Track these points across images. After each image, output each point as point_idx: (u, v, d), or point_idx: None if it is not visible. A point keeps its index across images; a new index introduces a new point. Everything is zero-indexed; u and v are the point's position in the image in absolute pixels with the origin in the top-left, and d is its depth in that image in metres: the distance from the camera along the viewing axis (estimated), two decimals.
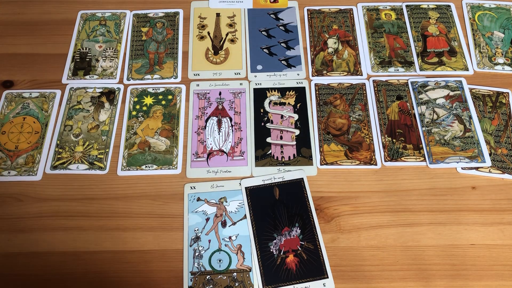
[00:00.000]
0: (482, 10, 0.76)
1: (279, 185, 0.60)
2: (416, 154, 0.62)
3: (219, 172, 0.61)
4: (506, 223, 0.57)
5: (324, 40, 0.73)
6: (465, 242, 0.56)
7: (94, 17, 0.76)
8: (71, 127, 0.65)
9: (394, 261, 0.55)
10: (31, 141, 0.63)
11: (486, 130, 0.64)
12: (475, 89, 0.68)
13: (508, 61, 0.70)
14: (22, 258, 0.55)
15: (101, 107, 0.66)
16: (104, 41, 0.73)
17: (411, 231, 0.57)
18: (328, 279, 0.53)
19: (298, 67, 0.70)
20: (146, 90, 0.68)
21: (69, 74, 0.70)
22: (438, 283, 0.53)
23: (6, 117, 0.66)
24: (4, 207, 0.58)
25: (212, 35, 0.74)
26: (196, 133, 0.64)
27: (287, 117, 0.66)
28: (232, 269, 0.54)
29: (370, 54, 0.71)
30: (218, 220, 0.57)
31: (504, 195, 0.59)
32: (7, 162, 0.62)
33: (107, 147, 0.63)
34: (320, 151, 0.62)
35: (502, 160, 0.61)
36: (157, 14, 0.76)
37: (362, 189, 0.60)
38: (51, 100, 0.67)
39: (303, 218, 0.57)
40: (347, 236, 0.56)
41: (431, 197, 0.59)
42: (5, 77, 0.69)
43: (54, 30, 0.74)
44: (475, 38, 0.73)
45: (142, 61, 0.71)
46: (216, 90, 0.68)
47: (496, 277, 0.54)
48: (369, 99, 0.67)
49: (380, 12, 0.76)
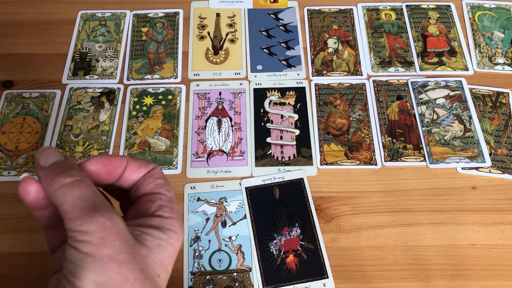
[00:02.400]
0: (482, 10, 0.76)
1: (279, 185, 0.60)
2: (416, 154, 0.62)
3: (219, 172, 0.61)
4: (506, 223, 0.57)
5: (324, 40, 0.73)
6: (465, 242, 0.56)
7: (94, 17, 0.76)
8: (71, 127, 0.65)
9: (394, 261, 0.55)
10: (31, 141, 0.63)
11: (486, 130, 0.64)
12: (475, 89, 0.68)
13: (508, 61, 0.70)
14: (22, 258, 0.55)
15: (101, 107, 0.66)
16: (104, 41, 0.73)
17: (411, 231, 0.57)
18: (328, 279, 0.53)
19: (298, 67, 0.70)
20: (146, 90, 0.68)
21: (69, 74, 0.70)
22: (438, 283, 0.53)
23: (6, 117, 0.66)
24: (4, 207, 0.58)
25: (212, 35, 0.74)
26: (196, 133, 0.64)
27: (287, 117, 0.66)
28: (232, 269, 0.54)
29: (370, 54, 0.71)
30: (218, 220, 0.57)
31: (504, 195, 0.59)
32: (7, 162, 0.62)
33: (107, 147, 0.63)
34: (320, 151, 0.62)
35: (502, 160, 0.61)
36: (157, 14, 0.76)
37: (362, 189, 0.60)
38: (51, 100, 0.67)
39: (303, 218, 0.57)
40: (347, 236, 0.56)
41: (431, 197, 0.59)
42: (5, 77, 0.69)
43: (54, 30, 0.74)
44: (475, 38, 0.73)
45: (142, 61, 0.71)
46: (216, 90, 0.68)
47: (496, 277, 0.54)
48: (369, 99, 0.67)
49: (380, 12, 0.76)
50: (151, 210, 0.29)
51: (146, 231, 0.27)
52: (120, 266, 0.24)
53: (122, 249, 0.25)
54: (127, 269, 0.24)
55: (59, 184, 0.26)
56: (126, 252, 0.25)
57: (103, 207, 0.25)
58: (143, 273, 0.25)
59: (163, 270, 0.27)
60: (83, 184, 0.26)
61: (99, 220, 0.24)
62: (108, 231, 0.24)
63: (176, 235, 0.28)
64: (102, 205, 0.26)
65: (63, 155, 0.28)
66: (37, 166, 0.28)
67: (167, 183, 0.31)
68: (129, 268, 0.25)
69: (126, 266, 0.24)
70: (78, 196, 0.25)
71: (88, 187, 0.26)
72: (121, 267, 0.24)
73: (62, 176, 0.26)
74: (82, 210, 0.25)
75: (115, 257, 0.24)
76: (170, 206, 0.29)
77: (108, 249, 0.24)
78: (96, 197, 0.26)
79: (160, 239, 0.27)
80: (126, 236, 0.25)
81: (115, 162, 0.29)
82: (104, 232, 0.24)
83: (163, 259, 0.27)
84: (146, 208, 0.29)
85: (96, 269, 0.24)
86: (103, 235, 0.24)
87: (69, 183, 0.26)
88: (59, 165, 0.27)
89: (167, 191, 0.30)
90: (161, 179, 0.31)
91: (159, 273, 0.27)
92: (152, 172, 0.31)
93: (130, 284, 0.24)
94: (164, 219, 0.28)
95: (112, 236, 0.24)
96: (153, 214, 0.28)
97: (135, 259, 0.25)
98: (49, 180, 0.26)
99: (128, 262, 0.25)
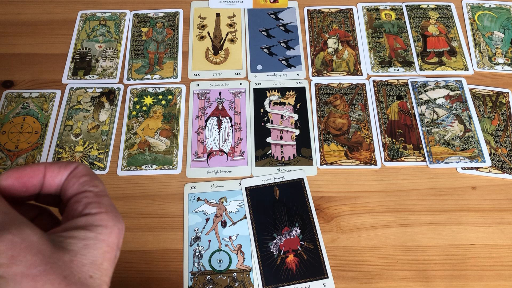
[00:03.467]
0: (482, 10, 0.76)
1: (279, 185, 0.60)
2: (416, 154, 0.62)
3: (219, 172, 0.61)
4: (506, 223, 0.57)
5: (324, 40, 0.73)
6: (465, 242, 0.56)
7: (94, 17, 0.76)
8: (71, 127, 0.65)
9: (394, 261, 0.55)
10: (31, 141, 0.63)
11: (486, 130, 0.64)
12: (475, 89, 0.68)
13: (508, 61, 0.70)
14: None
15: (101, 107, 0.66)
16: (104, 41, 0.73)
17: (411, 231, 0.57)
18: (328, 279, 0.53)
19: (298, 67, 0.70)
20: (146, 90, 0.68)
21: (69, 74, 0.70)
22: (438, 283, 0.53)
23: (6, 117, 0.66)
24: None
25: (212, 35, 0.74)
26: (196, 133, 0.64)
27: (287, 117, 0.66)
28: (232, 269, 0.54)
29: (370, 54, 0.71)
30: (218, 220, 0.57)
31: (504, 195, 0.59)
32: (7, 162, 0.62)
33: (107, 147, 0.63)
34: (320, 151, 0.62)
35: (502, 160, 0.61)
36: (157, 14, 0.76)
37: (362, 189, 0.60)
38: (51, 100, 0.67)
39: (303, 218, 0.57)
40: (347, 236, 0.56)
41: (431, 197, 0.59)
42: (5, 77, 0.69)
43: (54, 30, 0.74)
44: (475, 38, 0.73)
45: (142, 61, 0.71)
46: (216, 90, 0.68)
47: (496, 277, 0.54)
48: (369, 99, 0.67)
49: (380, 12, 0.76)
50: (77, 211, 0.28)
51: (71, 235, 0.26)
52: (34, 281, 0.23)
53: (36, 262, 0.24)
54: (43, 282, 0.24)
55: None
56: (41, 264, 0.24)
57: (11, 224, 0.24)
58: (66, 280, 0.24)
59: (96, 270, 0.26)
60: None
61: (6, 238, 0.24)
62: (17, 248, 0.24)
63: (107, 229, 0.27)
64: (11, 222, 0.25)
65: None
66: None
67: (94, 178, 0.29)
68: (46, 280, 0.24)
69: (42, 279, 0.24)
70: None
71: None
72: (36, 282, 0.23)
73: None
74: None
75: (27, 272, 0.23)
76: (98, 201, 0.28)
77: (19, 266, 0.23)
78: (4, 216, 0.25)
79: (86, 239, 0.26)
80: (40, 247, 0.24)
81: (28, 172, 0.28)
82: (12, 250, 0.23)
83: (95, 258, 0.26)
84: (73, 210, 0.28)
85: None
86: (12, 253, 0.23)
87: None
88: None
89: (93, 187, 0.29)
90: (85, 176, 0.29)
91: (91, 273, 0.26)
92: (75, 172, 0.29)
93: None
94: (92, 216, 0.27)
95: (22, 252, 0.24)
96: (80, 214, 0.28)
97: (54, 268, 0.24)
98: None
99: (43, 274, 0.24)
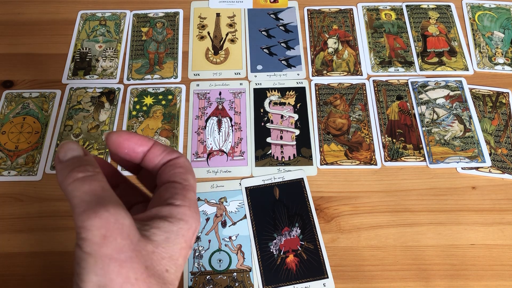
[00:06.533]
0: (482, 10, 0.76)
1: (279, 185, 0.60)
2: (416, 154, 0.62)
3: (219, 172, 0.61)
4: (506, 223, 0.57)
5: (324, 40, 0.73)
6: (465, 242, 0.56)
7: (94, 17, 0.76)
8: (71, 127, 0.65)
9: (394, 261, 0.55)
10: (31, 141, 0.63)
11: (486, 130, 0.64)
12: (475, 89, 0.68)
13: (508, 61, 0.70)
14: (22, 258, 0.55)
15: (101, 107, 0.66)
16: (104, 41, 0.73)
17: (411, 231, 0.57)
18: (328, 279, 0.53)
19: (298, 67, 0.70)
20: (146, 90, 0.68)
21: (69, 74, 0.70)
22: (438, 283, 0.53)
23: (6, 117, 0.66)
24: (4, 207, 0.58)
25: (212, 35, 0.74)
26: (196, 133, 0.64)
27: (287, 117, 0.66)
28: (232, 269, 0.54)
29: (370, 54, 0.71)
30: (218, 220, 0.57)
31: (504, 195, 0.59)
32: (7, 162, 0.62)
33: (107, 147, 0.63)
34: (320, 151, 0.62)
35: (502, 160, 0.61)
36: (157, 14, 0.76)
37: (362, 189, 0.60)
38: (51, 100, 0.67)
39: (303, 218, 0.57)
40: (347, 236, 0.56)
41: (431, 197, 0.59)
42: (5, 77, 0.69)
43: (54, 30, 0.74)
44: (475, 38, 0.73)
45: (142, 61, 0.71)
46: (216, 90, 0.68)
47: (496, 277, 0.54)
48: (369, 99, 0.67)
49: (380, 12, 0.76)
50: (163, 198, 0.28)
51: (156, 225, 0.27)
52: (120, 266, 0.24)
53: (124, 247, 0.24)
54: (128, 269, 0.24)
55: (71, 179, 0.26)
56: (128, 250, 0.24)
57: (110, 202, 0.25)
58: (147, 270, 0.25)
59: (172, 265, 0.26)
60: (94, 179, 0.26)
61: (102, 215, 0.24)
62: (111, 228, 0.24)
63: (187, 224, 0.27)
64: (109, 200, 0.25)
65: (83, 150, 0.28)
66: (56, 159, 0.28)
67: (188, 172, 0.30)
68: (131, 267, 0.24)
69: (127, 266, 0.24)
70: (87, 191, 0.25)
71: (98, 182, 0.26)
72: (121, 267, 0.24)
73: (75, 171, 0.26)
74: (89, 204, 0.25)
75: (115, 256, 0.24)
76: (184, 194, 0.28)
77: (108, 248, 0.24)
78: (104, 192, 0.26)
79: (169, 232, 0.27)
80: (130, 232, 0.25)
81: (138, 139, 0.30)
82: (106, 229, 0.24)
83: (173, 253, 0.26)
84: (160, 197, 0.29)
85: (97, 270, 0.24)
86: (105, 232, 0.24)
87: (81, 178, 0.26)
88: (76, 160, 0.27)
89: (183, 180, 0.29)
90: (181, 168, 0.30)
91: (168, 267, 0.26)
92: (175, 161, 0.30)
93: (131, 284, 0.24)
94: (175, 208, 0.28)
95: (114, 233, 0.24)
96: (165, 202, 0.28)
97: (138, 257, 0.25)
98: (64, 175, 0.26)
99: (129, 261, 0.24)
